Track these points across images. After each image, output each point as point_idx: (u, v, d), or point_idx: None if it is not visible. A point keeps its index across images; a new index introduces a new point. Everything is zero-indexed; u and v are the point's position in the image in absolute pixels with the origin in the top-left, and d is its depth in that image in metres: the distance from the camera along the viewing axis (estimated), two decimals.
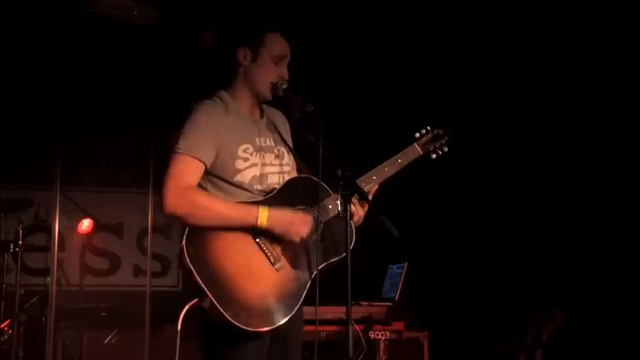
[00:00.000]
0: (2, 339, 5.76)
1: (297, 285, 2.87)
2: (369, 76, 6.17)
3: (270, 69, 3.02)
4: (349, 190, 2.80)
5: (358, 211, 2.99)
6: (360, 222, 3.04)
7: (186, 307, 2.77)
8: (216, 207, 2.83)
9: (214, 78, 3.14)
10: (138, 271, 7.62)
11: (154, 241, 6.10)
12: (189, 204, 2.79)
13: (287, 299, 2.82)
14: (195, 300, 2.75)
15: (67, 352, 6.02)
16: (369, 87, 6.25)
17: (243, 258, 2.81)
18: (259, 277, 2.81)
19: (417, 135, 3.28)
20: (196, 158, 2.85)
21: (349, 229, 2.78)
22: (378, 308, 4.71)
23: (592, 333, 5.13)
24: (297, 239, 2.88)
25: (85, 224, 6.89)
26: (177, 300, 2.86)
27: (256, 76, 3.02)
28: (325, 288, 2.89)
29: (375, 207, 3.06)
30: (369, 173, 3.07)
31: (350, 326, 2.72)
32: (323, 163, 2.80)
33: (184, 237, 2.76)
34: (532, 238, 5.61)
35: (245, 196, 2.92)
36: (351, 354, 2.69)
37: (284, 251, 2.89)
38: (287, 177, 3.09)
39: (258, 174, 2.97)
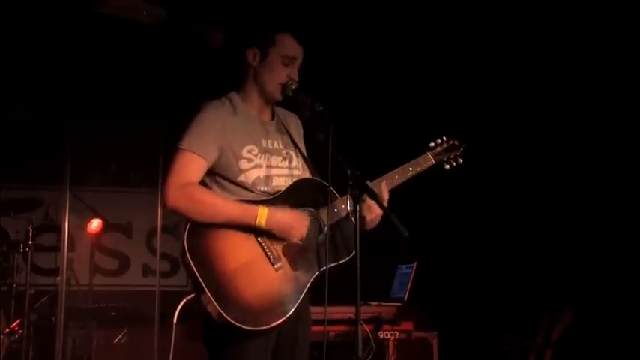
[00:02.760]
0: (13, 338, 5.79)
1: (296, 286, 2.85)
2: (380, 77, 6.17)
3: (279, 69, 3.01)
4: (358, 190, 2.80)
5: (375, 210, 2.98)
6: (377, 223, 3.03)
7: (183, 301, 2.78)
8: (216, 203, 2.83)
9: (224, 78, 3.14)
10: (147, 270, 7.64)
11: (163, 240, 6.12)
12: (190, 199, 2.79)
13: (284, 300, 2.80)
14: (192, 295, 2.75)
15: (76, 351, 6.04)
16: (380, 87, 6.25)
17: (243, 255, 2.80)
18: (258, 276, 2.79)
19: (432, 145, 3.28)
20: (198, 155, 2.86)
21: (358, 229, 2.78)
22: (387, 308, 4.70)
23: (602, 332, 5.11)
24: (296, 239, 2.87)
25: (95, 224, 6.92)
26: None
27: (265, 76, 3.01)
28: (334, 287, 2.89)
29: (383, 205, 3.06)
30: (378, 180, 3.04)
31: (359, 326, 2.72)
32: (332, 163, 2.79)
33: (186, 232, 2.76)
34: (541, 238, 5.60)
35: (249, 196, 2.91)
36: (360, 354, 2.69)
37: (285, 251, 2.88)
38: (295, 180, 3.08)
39: (262, 175, 2.96)
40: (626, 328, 5.02)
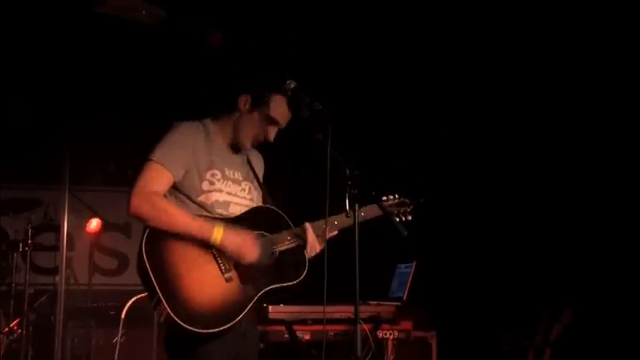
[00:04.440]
0: (12, 338, 5.79)
1: (242, 298, 2.95)
2: (379, 77, 6.18)
3: (261, 127, 3.12)
4: (357, 190, 2.81)
5: (315, 246, 3.12)
6: (314, 256, 3.14)
7: (132, 300, 2.91)
8: (176, 215, 2.95)
9: (222, 78, 3.15)
10: None
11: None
12: (152, 207, 2.92)
13: (230, 308, 2.90)
14: (145, 294, 2.88)
15: (75, 350, 6.04)
16: (378, 87, 6.25)
17: (196, 264, 2.91)
18: (207, 284, 2.90)
19: (384, 198, 3.41)
20: (167, 169, 2.98)
21: (357, 228, 2.79)
22: (386, 307, 4.70)
23: (601, 332, 5.11)
24: (246, 262, 2.97)
25: (94, 223, 6.91)
26: None
27: (244, 126, 3.13)
28: (333, 287, 2.89)
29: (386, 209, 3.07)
30: (332, 218, 3.14)
31: (358, 325, 2.73)
32: (330, 163, 2.80)
33: (144, 237, 2.89)
34: (541, 238, 5.60)
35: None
36: (359, 353, 2.69)
37: (237, 265, 2.98)
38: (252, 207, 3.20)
39: (221, 200, 3.08)
40: (626, 328, 5.02)
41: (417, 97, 6.24)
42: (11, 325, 5.81)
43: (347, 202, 2.88)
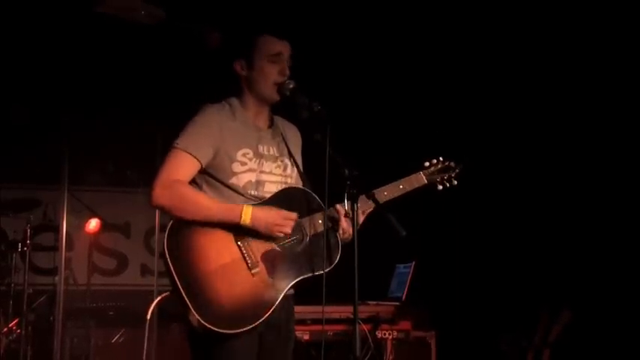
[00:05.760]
0: (11, 338, 5.79)
1: (272, 292, 2.84)
2: (379, 77, 6.18)
3: (269, 69, 3.02)
4: (356, 190, 2.81)
5: (348, 229, 2.98)
6: (349, 239, 3.00)
7: (158, 299, 2.79)
8: (201, 201, 2.85)
9: (221, 79, 3.14)
10: (145, 270, 7.63)
11: (161, 240, 6.10)
12: (176, 196, 2.82)
13: (257, 305, 2.80)
14: (167, 293, 2.79)
15: (74, 350, 6.05)
16: (378, 87, 6.25)
17: (221, 258, 2.81)
18: (233, 279, 2.79)
19: (426, 164, 3.28)
20: (192, 155, 2.87)
21: (355, 228, 2.79)
22: (385, 307, 4.70)
23: (600, 333, 5.12)
24: (280, 235, 2.88)
25: (93, 224, 6.91)
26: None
27: (258, 81, 3.03)
28: (332, 287, 2.89)
29: (383, 206, 3.06)
30: (365, 196, 2.98)
31: (357, 325, 2.72)
32: (330, 163, 2.80)
33: (167, 229, 2.79)
34: (540, 238, 5.60)
35: (238, 199, 2.92)
36: (358, 353, 2.69)
37: (264, 257, 2.87)
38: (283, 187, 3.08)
39: (254, 180, 2.97)
40: (625, 328, 5.03)
41: (415, 97, 6.25)
42: (10, 325, 5.81)
43: (345, 201, 2.88)
